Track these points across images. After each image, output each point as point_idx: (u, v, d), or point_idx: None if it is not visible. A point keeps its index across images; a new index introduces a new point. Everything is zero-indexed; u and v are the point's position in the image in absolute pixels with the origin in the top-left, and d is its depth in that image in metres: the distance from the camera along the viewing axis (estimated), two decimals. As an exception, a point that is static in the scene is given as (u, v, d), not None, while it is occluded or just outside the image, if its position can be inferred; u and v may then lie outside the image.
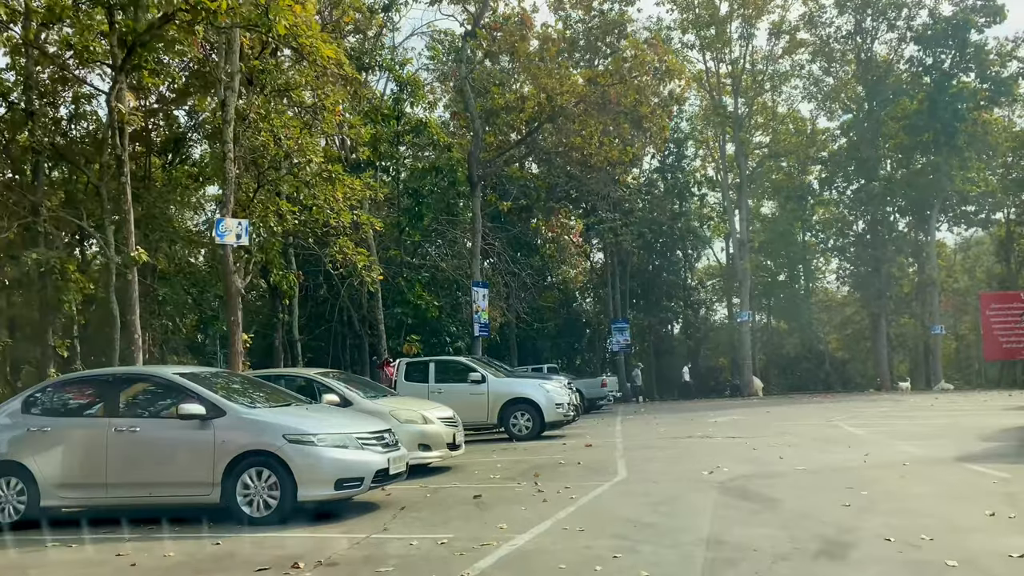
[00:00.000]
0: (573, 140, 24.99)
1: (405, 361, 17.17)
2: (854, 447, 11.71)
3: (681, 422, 19.83)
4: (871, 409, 21.44)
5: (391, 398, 11.83)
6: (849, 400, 28.96)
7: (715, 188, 46.88)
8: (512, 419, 16.07)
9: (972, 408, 20.86)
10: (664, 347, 46.25)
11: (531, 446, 14.56)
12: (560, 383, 17.94)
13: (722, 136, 40.71)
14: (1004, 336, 39.43)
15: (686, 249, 47.37)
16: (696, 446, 13.10)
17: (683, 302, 46.34)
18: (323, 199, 15.78)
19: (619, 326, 39.13)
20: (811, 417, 19.57)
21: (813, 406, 25.18)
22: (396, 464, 8.20)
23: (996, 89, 37.24)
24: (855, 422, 16.62)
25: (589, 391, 27.34)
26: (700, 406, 28.80)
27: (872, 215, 41.32)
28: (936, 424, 15.41)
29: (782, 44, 39.67)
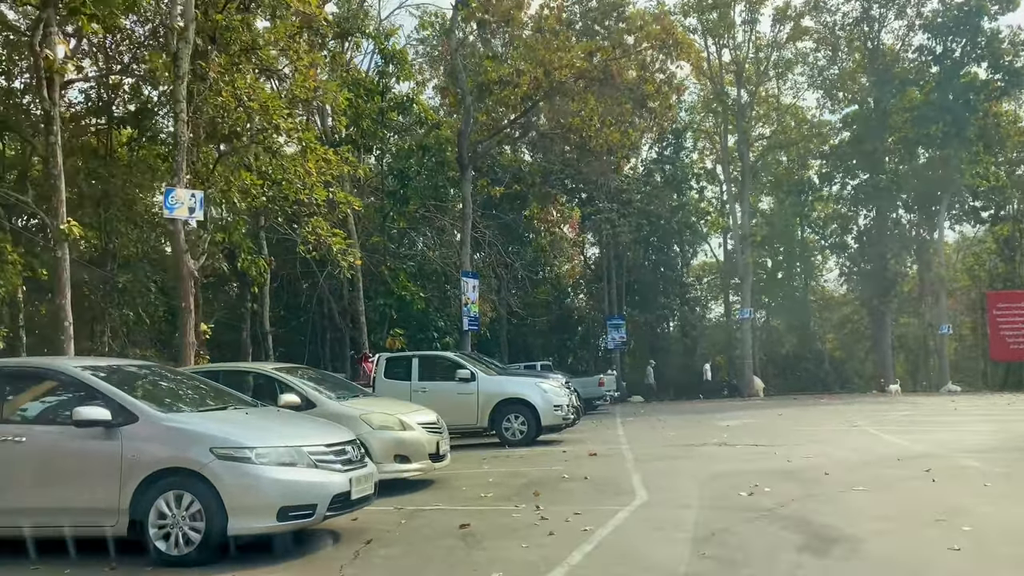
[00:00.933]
0: (571, 121, 23.22)
1: (385, 356, 15.35)
2: (905, 460, 10.00)
3: (688, 425, 18.11)
4: (890, 412, 19.80)
5: (365, 399, 10.04)
6: (856, 401, 27.35)
7: (714, 181, 45.32)
8: (505, 422, 14.30)
9: (1005, 413, 19.24)
10: (660, 345, 44.52)
11: (527, 454, 12.79)
12: (558, 382, 16.19)
13: (724, 126, 39.05)
14: (1012, 336, 37.93)
15: (683, 244, 45.70)
16: (718, 456, 11.36)
17: (679, 299, 44.65)
18: (293, 172, 13.94)
19: (615, 323, 37.41)
20: (830, 421, 17.89)
21: (823, 408, 23.53)
22: (361, 485, 6.41)
23: (1009, 80, 35.71)
24: (886, 428, 14.94)
25: (585, 390, 25.48)
26: (702, 407, 27.12)
27: (878, 210, 39.75)
28: (985, 430, 13.76)
29: (787, 30, 38.03)
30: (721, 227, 45.37)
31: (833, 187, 43.93)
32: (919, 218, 40.97)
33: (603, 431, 17.13)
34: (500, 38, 25.96)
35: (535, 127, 23.88)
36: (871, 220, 41.74)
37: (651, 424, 18.99)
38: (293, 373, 9.68)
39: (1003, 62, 35.32)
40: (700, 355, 46.09)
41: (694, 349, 45.53)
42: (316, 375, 10.38)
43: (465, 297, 21.72)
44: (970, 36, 35.51)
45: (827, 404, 26.23)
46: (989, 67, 35.89)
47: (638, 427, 18.28)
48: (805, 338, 46.02)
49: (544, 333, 45.90)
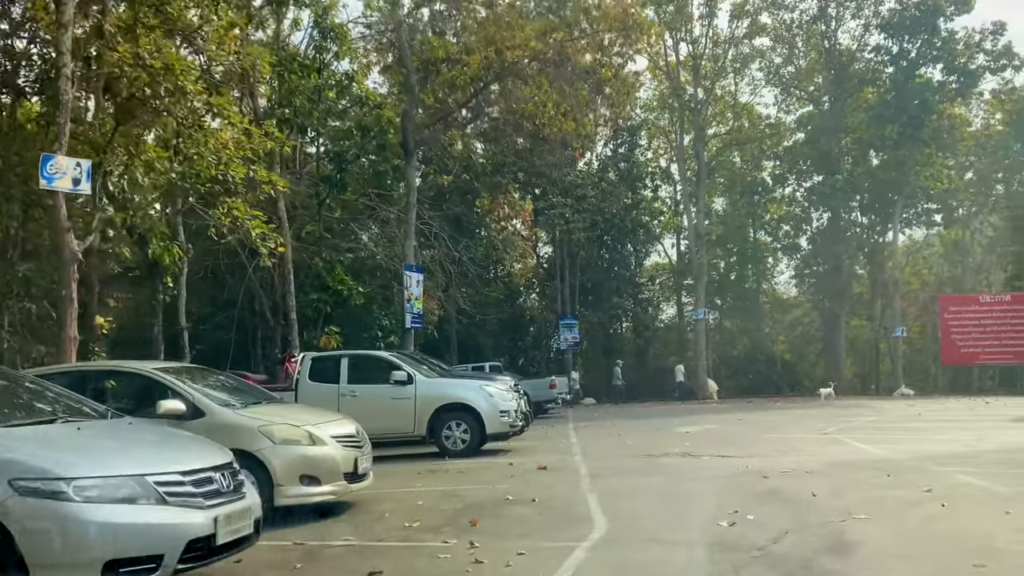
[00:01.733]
0: (524, 107, 21.79)
1: (310, 356, 13.67)
2: (896, 476, 8.78)
3: (646, 431, 16.81)
4: (856, 418, 18.81)
5: (271, 406, 8.39)
6: (812, 405, 26.52)
7: (668, 181, 44.40)
8: (446, 430, 12.77)
9: (972, 418, 18.42)
10: (613, 346, 43.40)
11: (468, 467, 11.27)
12: (506, 384, 14.73)
13: (680, 123, 38.12)
14: (962, 340, 37.85)
15: (637, 244, 44.70)
16: (684, 470, 10.00)
17: (633, 299, 43.58)
18: (206, 145, 12.18)
19: (568, 323, 36.14)
20: (795, 427, 16.79)
21: (783, 412, 22.58)
22: (233, 524, 4.82)
23: (963, 82, 35.50)
24: (857, 435, 13.84)
25: (536, 393, 24.12)
26: (657, 411, 25.95)
27: (832, 211, 39.26)
28: (966, 439, 12.70)
29: (744, 26, 37.25)
30: (675, 227, 44.48)
31: (786, 189, 43.43)
32: (873, 220, 40.66)
33: (555, 439, 15.71)
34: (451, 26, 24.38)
35: (486, 113, 22.38)
36: (824, 222, 41.31)
37: (606, 430, 17.65)
38: (179, 374, 7.98)
39: (958, 63, 35.07)
40: (652, 356, 45.18)
41: (647, 350, 44.58)
42: (211, 377, 8.70)
43: (408, 292, 20.11)
44: (926, 37, 35.18)
45: (784, 408, 25.31)
46: (944, 68, 35.62)
47: (592, 434, 16.91)
48: (757, 340, 45.44)
49: (495, 333, 44.42)
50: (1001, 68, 35.65)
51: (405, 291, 20.00)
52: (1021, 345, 36.98)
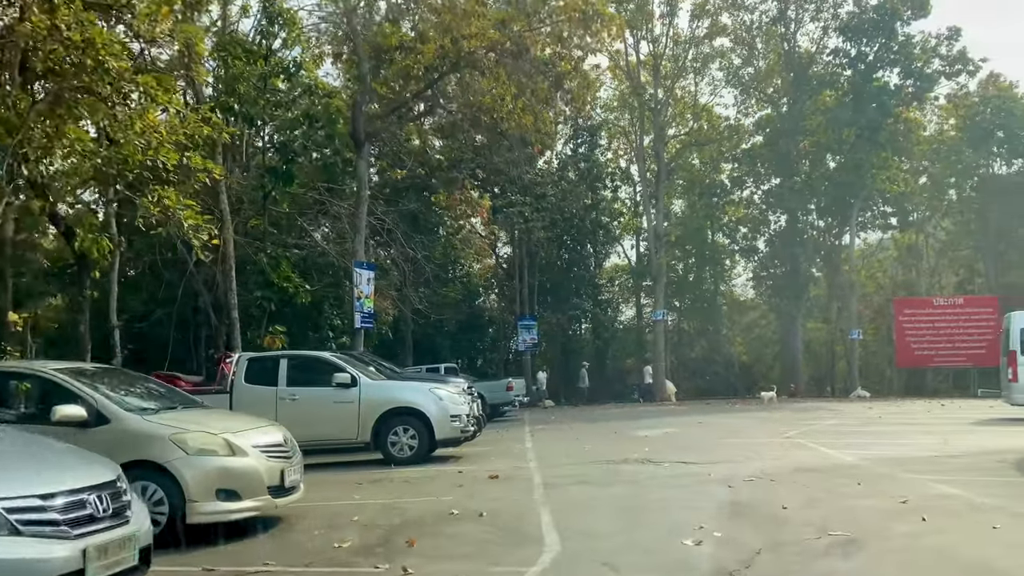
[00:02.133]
0: (482, 100, 21.06)
1: (247, 356, 12.77)
2: (868, 485, 8.27)
3: (604, 436, 16.22)
4: (817, 421, 18.47)
5: (189, 412, 7.53)
6: (774, 409, 26.26)
7: (628, 181, 44.09)
8: (392, 436, 11.98)
9: (931, 421, 18.20)
10: (572, 347, 42.95)
11: (415, 476, 10.52)
12: (458, 387, 14.00)
13: (640, 122, 37.79)
14: (916, 343, 38.18)
15: (596, 244, 44.29)
16: (644, 479, 9.38)
17: (592, 300, 43.17)
18: (131, 126, 11.20)
19: (526, 323, 35.50)
20: (756, 431, 16.35)
21: (742, 416, 22.22)
22: (109, 558, 4.02)
23: (920, 85, 35.77)
24: (820, 440, 13.40)
25: (492, 395, 23.48)
26: (615, 413, 25.46)
27: (790, 213, 39.32)
28: (929, 443, 12.31)
29: (705, 25, 37.07)
30: (634, 228, 44.17)
31: (744, 191, 43.42)
32: (830, 223, 40.84)
33: (509, 443, 15.02)
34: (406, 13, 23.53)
35: (442, 105, 21.60)
36: (782, 224, 41.39)
37: (563, 434, 17.03)
38: (84, 376, 7.09)
39: (914, 67, 35.31)
40: (611, 358, 44.85)
41: (606, 352, 44.23)
42: (125, 379, 7.82)
43: (358, 290, 19.23)
44: (883, 41, 35.37)
45: (743, 410, 25.01)
46: (901, 72, 35.85)
47: (549, 438, 16.26)
48: (715, 342, 45.39)
49: (453, 334, 43.57)
50: (956, 73, 36.03)
51: (355, 289, 19.12)
52: (973, 348, 37.42)
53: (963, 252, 46.37)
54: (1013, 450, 11.16)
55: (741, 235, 44.66)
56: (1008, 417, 17.56)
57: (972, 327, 37.61)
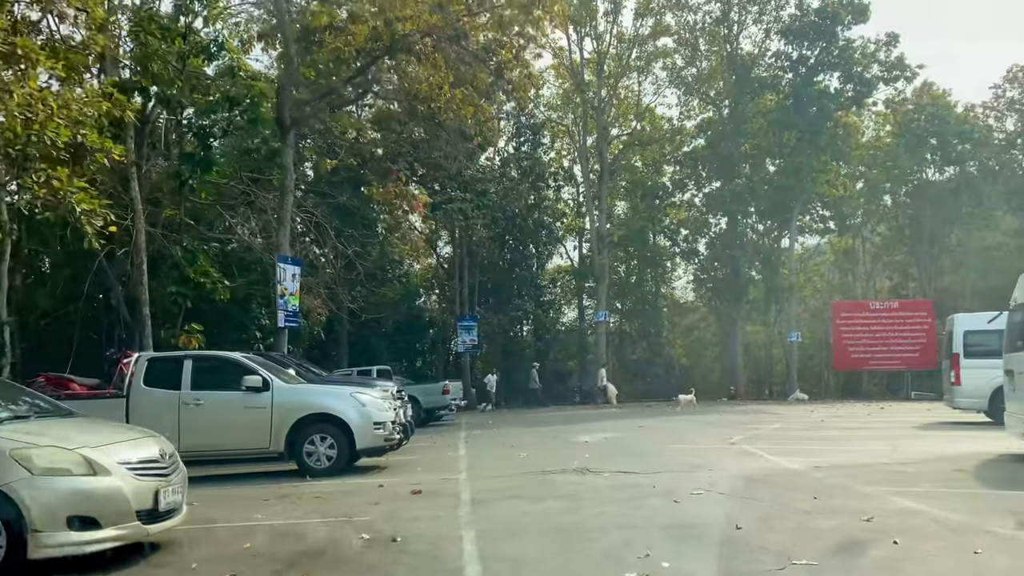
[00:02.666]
0: (418, 88, 20.02)
1: (147, 356, 11.48)
2: (824, 500, 7.56)
3: (542, 441, 15.37)
4: (761, 425, 17.97)
5: (44, 422, 6.34)
6: (711, 410, 25.90)
7: (571, 181, 43.53)
8: (308, 445, 10.88)
9: (875, 425, 17.90)
10: (513, 349, 42.14)
11: (330, 490, 9.45)
12: (385, 391, 12.96)
13: (583, 121, 37.21)
14: (853, 346, 38.49)
15: (539, 245, 43.60)
16: (583, 492, 8.51)
17: (534, 301, 42.45)
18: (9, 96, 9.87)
19: (466, 324, 34.54)
20: (699, 436, 15.71)
21: (685, 419, 21.65)
22: None
23: (859, 90, 36.08)
24: (766, 446, 12.79)
25: (428, 399, 22.48)
26: (555, 417, 24.68)
27: (731, 216, 39.29)
28: (877, 450, 11.79)
29: (649, 24, 36.74)
30: (578, 228, 43.63)
31: (686, 194, 43.27)
32: (770, 226, 40.99)
33: (441, 451, 14.02)
34: None
35: (376, 92, 20.47)
36: (722, 228, 41.39)
37: (500, 440, 16.10)
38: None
39: (854, 72, 35.59)
40: (552, 360, 44.17)
41: (547, 353, 43.55)
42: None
43: (282, 287, 17.95)
44: (824, 45, 35.57)
45: (684, 413, 24.52)
46: (841, 77, 36.10)
47: (484, 444, 15.33)
48: (656, 344, 45.15)
49: (391, 335, 42.33)
50: (894, 79, 36.46)
51: (278, 285, 17.84)
52: (908, 351, 37.92)
53: (897, 257, 47.23)
54: (964, 457, 10.70)
55: (682, 237, 44.57)
56: (951, 421, 17.36)
57: (907, 331, 38.11)
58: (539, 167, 39.73)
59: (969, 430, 15.33)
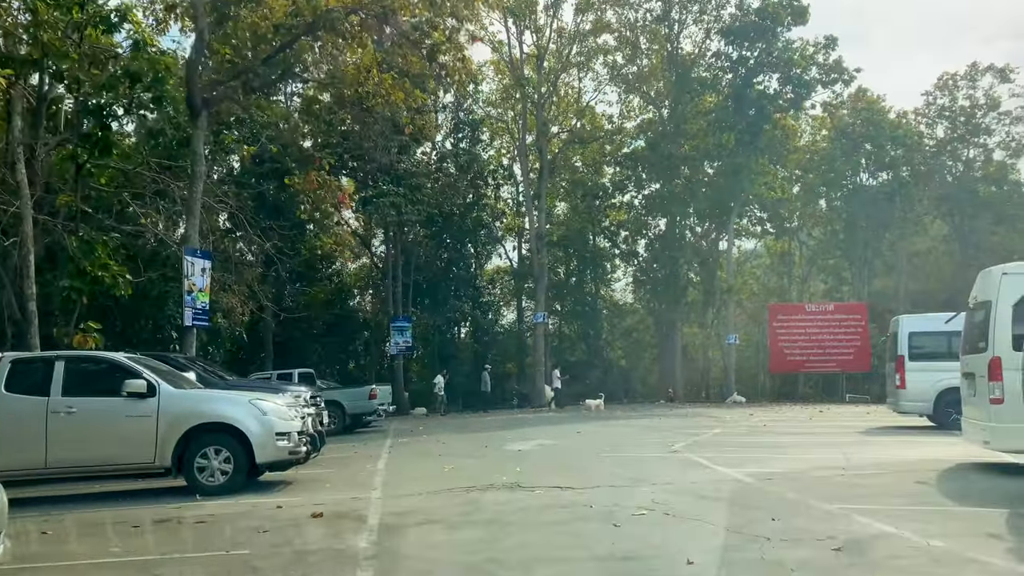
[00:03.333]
0: (345, 71, 18.68)
1: (10, 357, 9.89)
2: (784, 519, 6.63)
3: (474, 450, 14.24)
4: (702, 431, 17.19)
5: None
6: (650, 414, 25.21)
7: (511, 180, 42.55)
8: (200, 459, 9.50)
9: (820, 430, 17.31)
10: (450, 351, 40.87)
11: (218, 512, 8.12)
12: (297, 396, 11.65)
13: (523, 117, 36.24)
14: (789, 348, 38.49)
15: (477, 244, 42.46)
16: (510, 513, 7.40)
17: (472, 302, 41.27)
18: None
19: (399, 325, 33.14)
20: (639, 443, 14.83)
21: (624, 424, 20.80)
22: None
23: (798, 92, 36.05)
24: (710, 454, 11.92)
25: (353, 404, 21.08)
26: (492, 422, 23.56)
27: (671, 217, 38.86)
28: (825, 457, 10.99)
29: (589, 20, 36.03)
30: (517, 227, 42.64)
31: (625, 196, 42.72)
32: (708, 228, 40.76)
33: (359, 462, 12.73)
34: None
35: (297, 74, 19.01)
36: (662, 228, 40.97)
37: (427, 448, 14.88)
38: None
39: (793, 74, 35.53)
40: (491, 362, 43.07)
41: (485, 356, 42.42)
42: None
43: (189, 283, 16.36)
44: (764, 46, 35.41)
45: (624, 417, 23.72)
46: (780, 78, 36.00)
47: (408, 454, 14.10)
48: (596, 346, 44.45)
49: (322, 337, 40.61)
50: (832, 81, 36.56)
51: (185, 281, 16.26)
52: (843, 354, 38.10)
53: (831, 261, 47.70)
54: (921, 465, 9.99)
55: (622, 239, 44.06)
56: (896, 425, 16.90)
57: (842, 333, 38.28)
58: (478, 164, 38.61)
59: (916, 435, 14.83)
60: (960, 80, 43.78)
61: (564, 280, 45.80)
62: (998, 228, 43.81)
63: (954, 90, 43.50)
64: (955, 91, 43.43)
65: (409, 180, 28.01)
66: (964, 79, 43.67)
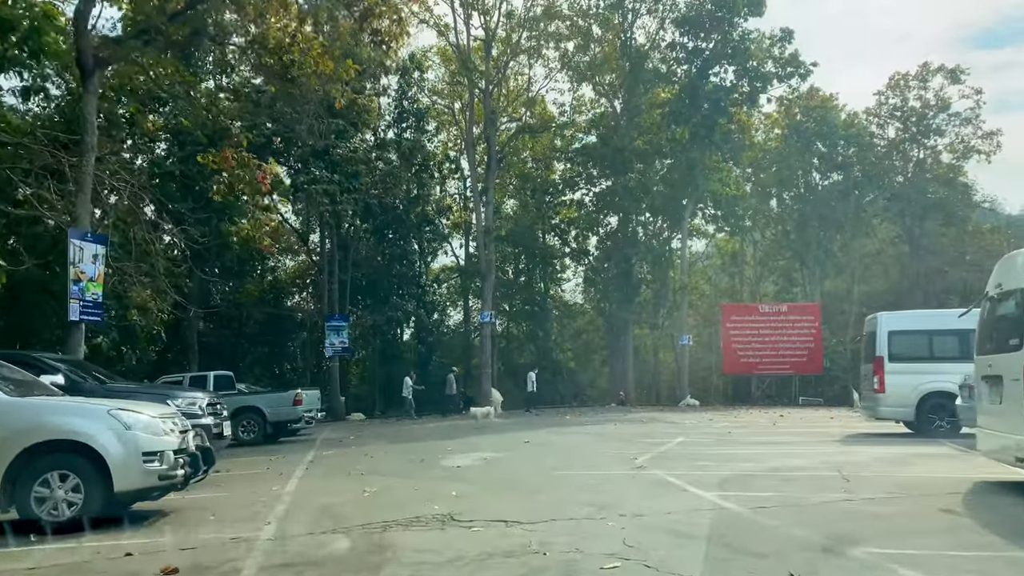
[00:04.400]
0: (268, 35, 16.54)
1: None
2: (784, 556, 4.87)
3: (407, 465, 12.31)
4: (665, 441, 15.55)
5: None
6: (606, 420, 23.59)
7: (457, 173, 40.60)
8: (39, 487, 7.32)
9: (789, 437, 15.80)
10: (392, 352, 38.65)
11: (48, 561, 6.02)
12: (181, 406, 9.56)
13: (470, 105, 34.35)
14: (742, 350, 37.43)
15: (422, 241, 40.39)
16: (435, 566, 5.48)
17: (417, 301, 39.15)
18: None
19: (335, 325, 30.89)
20: (595, 455, 13.07)
21: (576, 431, 19.11)
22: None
23: (755, 86, 34.97)
24: (679, 469, 10.21)
25: (275, 411, 18.87)
26: (432, 431, 21.59)
27: (624, 213, 37.38)
28: (825, 479, 9.35)
29: (540, 4, 34.34)
30: (464, 221, 40.69)
31: (576, 193, 41.16)
32: (661, 226, 39.45)
33: (265, 482, 10.64)
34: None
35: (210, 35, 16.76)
36: (614, 225, 39.43)
37: (353, 463, 12.84)
38: None
39: (750, 66, 34.43)
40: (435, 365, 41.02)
41: (430, 358, 40.37)
42: None
43: (77, 271, 14.00)
44: (719, 37, 34.24)
45: (576, 424, 22.03)
46: (736, 71, 34.87)
47: (328, 471, 12.04)
48: (545, 348, 42.71)
49: (255, 337, 38.05)
50: (788, 75, 35.56)
51: (72, 268, 13.91)
52: (796, 356, 37.18)
53: (781, 262, 46.99)
54: (936, 487, 8.42)
55: (572, 237, 42.50)
56: (873, 432, 15.52)
57: (795, 335, 37.40)
58: (422, 154, 36.59)
59: (901, 444, 13.39)
60: (912, 80, 43.44)
61: (513, 279, 43.99)
62: (947, 230, 43.61)
63: (905, 90, 43.12)
64: (906, 91, 43.06)
65: (345, 167, 25.80)
66: (915, 79, 43.34)
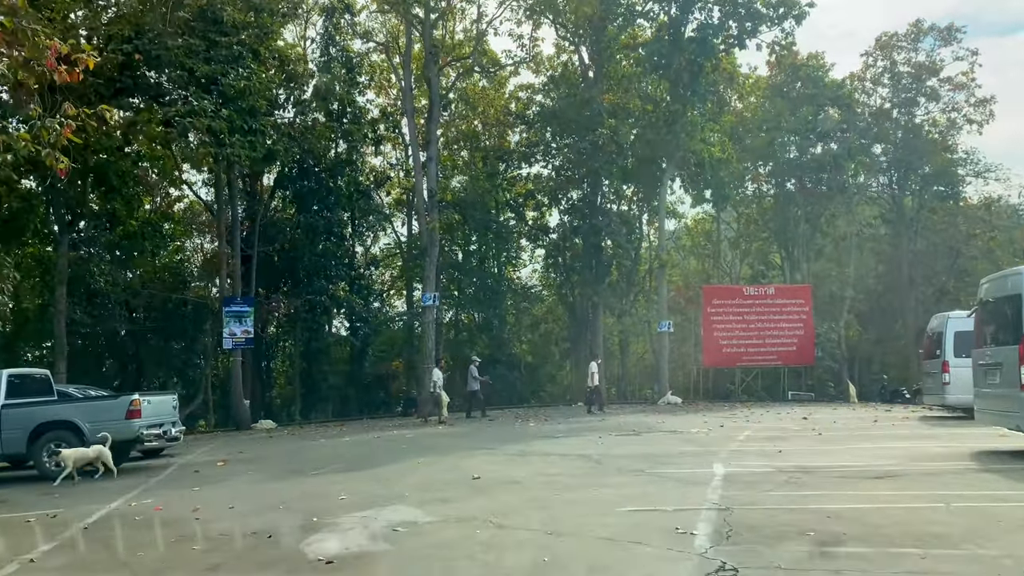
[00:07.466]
0: None
1: None
2: None
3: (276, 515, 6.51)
4: (682, 465, 10.02)
5: None
6: (581, 428, 18.16)
7: (395, 132, 34.52)
8: None
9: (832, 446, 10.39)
10: (318, 345, 32.45)
11: None
12: None
13: (408, 38, 28.28)
14: (725, 339, 32.43)
15: (355, 215, 34.36)
16: None
17: (350, 285, 33.08)
18: None
19: (235, 311, 24.65)
20: (567, 485, 7.43)
21: (549, 452, 13.52)
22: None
23: (743, 27, 29.73)
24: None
25: (99, 427, 12.52)
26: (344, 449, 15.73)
27: (594, 176, 31.70)
28: None
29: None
30: (408, 197, 34.72)
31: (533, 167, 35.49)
32: (637, 192, 34.07)
33: None
34: None
35: None
36: (577, 198, 33.74)
37: (137, 542, 6.97)
38: None
39: (739, 2, 29.16)
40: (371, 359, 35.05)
41: (364, 352, 34.36)
42: None
43: None
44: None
45: (541, 435, 16.34)
46: (723, 11, 29.59)
47: (91, 559, 6.14)
48: (500, 339, 36.88)
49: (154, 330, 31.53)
50: (782, 17, 30.35)
51: None
52: (784, 345, 32.45)
53: (755, 244, 42.44)
54: None
55: (531, 211, 36.87)
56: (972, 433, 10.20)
57: (783, 321, 32.62)
58: (353, 108, 30.57)
59: None
60: (901, 40, 38.97)
61: (462, 262, 38.05)
62: (941, 205, 39.53)
63: (894, 52, 38.61)
64: (894, 53, 38.56)
65: (240, 101, 19.62)
66: (905, 39, 38.87)
